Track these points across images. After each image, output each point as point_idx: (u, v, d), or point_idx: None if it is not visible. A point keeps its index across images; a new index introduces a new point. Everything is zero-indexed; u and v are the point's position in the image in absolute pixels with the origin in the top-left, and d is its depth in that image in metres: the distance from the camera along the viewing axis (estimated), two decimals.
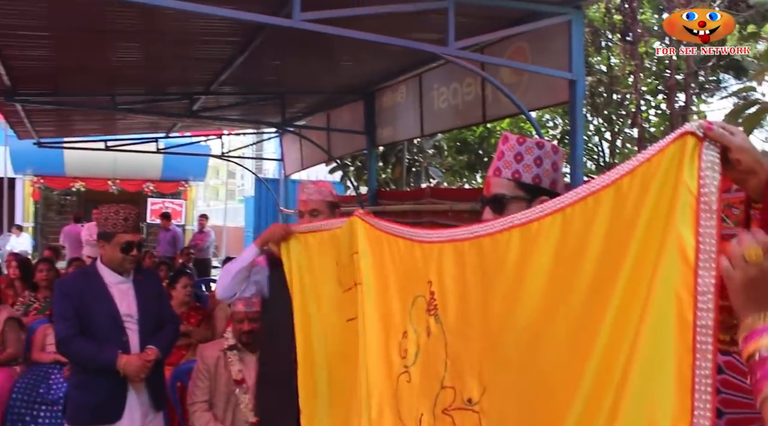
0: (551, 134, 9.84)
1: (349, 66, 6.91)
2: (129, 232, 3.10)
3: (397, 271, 2.25)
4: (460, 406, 1.86)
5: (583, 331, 1.45)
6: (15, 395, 4.30)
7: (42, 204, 17.45)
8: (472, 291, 1.83)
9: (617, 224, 1.36)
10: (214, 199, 37.37)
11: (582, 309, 1.46)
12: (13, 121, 8.87)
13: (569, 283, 1.49)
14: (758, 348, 1.01)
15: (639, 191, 1.31)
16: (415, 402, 2.07)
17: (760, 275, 1.04)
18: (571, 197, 1.49)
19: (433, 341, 2.00)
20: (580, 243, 1.46)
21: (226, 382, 3.32)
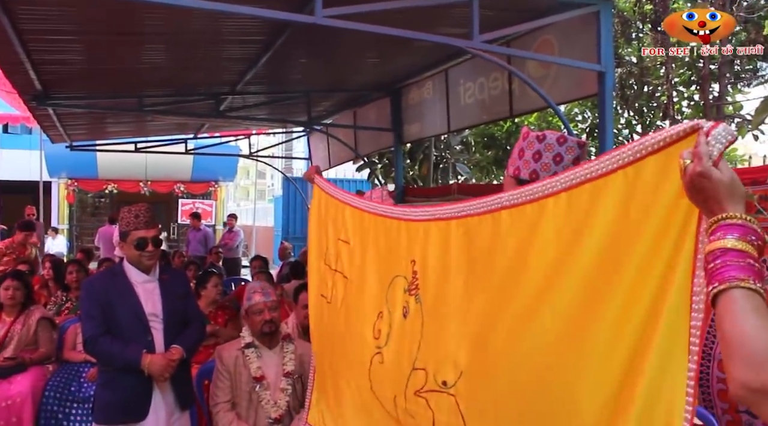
0: (580, 128, 9.66)
1: (374, 63, 6.89)
2: (141, 228, 3.09)
3: (379, 254, 2.24)
4: (434, 388, 1.82)
5: (574, 322, 1.40)
6: (48, 393, 4.37)
7: (77, 206, 17.76)
8: (456, 271, 1.79)
9: (620, 216, 1.32)
10: (245, 199, 37.72)
11: (574, 299, 1.41)
12: (46, 125, 9.04)
13: (564, 270, 1.43)
14: (713, 249, 1.05)
15: (649, 184, 1.27)
16: (387, 383, 2.05)
17: (695, 182, 1.09)
18: (566, 181, 1.44)
19: (409, 322, 1.97)
20: (579, 230, 1.41)
21: (246, 380, 3.30)
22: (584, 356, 1.37)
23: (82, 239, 17.52)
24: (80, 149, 11.49)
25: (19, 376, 4.33)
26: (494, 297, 1.64)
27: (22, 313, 4.59)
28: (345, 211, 2.56)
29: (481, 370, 1.69)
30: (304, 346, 3.62)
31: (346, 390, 2.41)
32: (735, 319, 0.98)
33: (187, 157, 14.37)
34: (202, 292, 5.25)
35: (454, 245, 1.80)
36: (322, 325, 2.73)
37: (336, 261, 2.59)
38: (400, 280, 2.05)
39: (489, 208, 1.67)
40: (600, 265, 1.35)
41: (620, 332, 1.30)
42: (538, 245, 1.51)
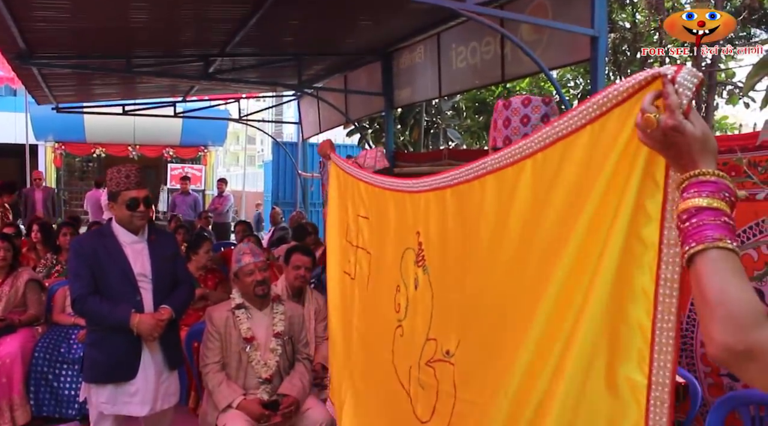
0: (572, 94, 9.63)
1: (366, 26, 6.78)
2: (132, 188, 3.07)
3: (391, 227, 2.25)
4: (440, 357, 1.85)
5: (539, 277, 1.40)
6: (37, 354, 4.38)
7: (64, 170, 17.60)
8: (453, 239, 1.80)
9: (585, 171, 1.30)
10: (234, 164, 37.53)
11: (540, 258, 1.41)
12: (31, 85, 8.87)
13: (537, 230, 1.43)
14: (687, 207, 1.03)
15: (611, 135, 1.24)
16: (405, 355, 2.08)
17: (668, 136, 1.05)
18: (540, 141, 1.42)
19: (420, 293, 1.99)
20: (550, 188, 1.40)
21: (236, 341, 3.32)
22: (553, 317, 1.37)
23: (70, 203, 17.42)
24: (67, 111, 11.31)
25: (8, 338, 4.34)
26: (482, 263, 1.65)
27: (10, 275, 4.58)
28: (360, 187, 2.55)
29: (471, 339, 1.71)
30: (294, 307, 3.64)
31: (372, 365, 2.42)
32: (714, 280, 0.96)
33: (176, 122, 14.22)
34: (193, 256, 5.26)
35: (450, 214, 1.81)
36: (347, 302, 2.73)
37: (357, 237, 2.59)
38: (410, 253, 2.06)
39: (476, 174, 1.66)
40: (564, 221, 1.34)
41: (578, 285, 1.30)
42: (516, 208, 1.50)
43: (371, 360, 2.44)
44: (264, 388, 3.31)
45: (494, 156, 1.57)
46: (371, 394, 2.46)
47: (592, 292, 1.24)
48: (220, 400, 3.22)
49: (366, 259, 2.52)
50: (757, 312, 0.93)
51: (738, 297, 0.94)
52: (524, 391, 1.38)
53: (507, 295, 1.53)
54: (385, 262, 2.29)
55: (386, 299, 2.25)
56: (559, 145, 1.36)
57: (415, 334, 2.02)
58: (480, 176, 1.64)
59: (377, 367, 2.34)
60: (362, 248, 2.56)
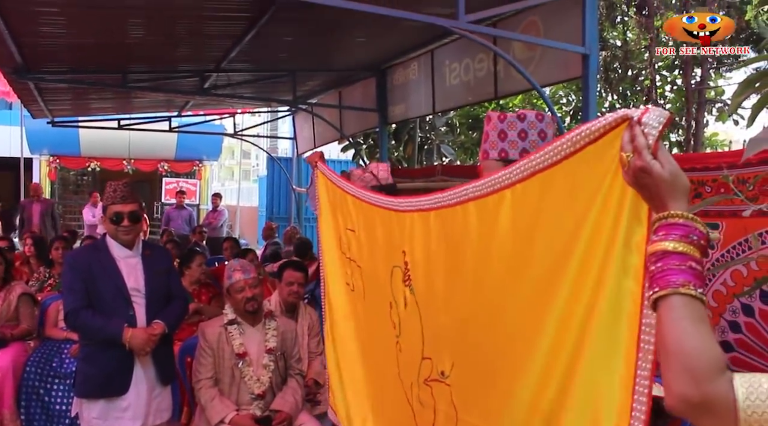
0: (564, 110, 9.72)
1: (360, 43, 6.85)
2: (117, 203, 3.09)
3: (378, 244, 2.27)
4: (436, 377, 1.87)
5: (532, 314, 1.44)
6: (29, 368, 4.37)
7: (59, 184, 17.58)
8: (438, 262, 1.83)
9: (568, 206, 1.34)
10: (229, 179, 37.51)
11: (533, 290, 1.44)
12: (27, 99, 8.91)
13: (522, 261, 1.47)
14: (654, 251, 1.03)
15: (591, 172, 1.28)
16: (407, 371, 2.09)
17: (638, 177, 1.07)
18: (518, 173, 1.46)
19: (409, 312, 2.01)
20: (533, 220, 1.44)
21: (229, 356, 3.33)
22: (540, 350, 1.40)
23: (65, 217, 17.36)
24: (62, 125, 11.33)
25: (0, 352, 4.32)
26: (468, 289, 1.68)
27: (3, 289, 4.57)
28: (347, 199, 2.57)
29: (466, 362, 1.73)
30: (287, 323, 3.65)
31: (378, 375, 2.43)
32: (673, 328, 0.95)
33: (171, 136, 14.23)
34: (186, 271, 5.25)
35: (434, 236, 1.83)
36: (349, 312, 2.73)
37: (349, 249, 2.60)
38: (398, 271, 2.08)
39: (459, 200, 1.69)
40: (551, 257, 1.37)
41: (569, 322, 1.33)
42: (499, 237, 1.54)
43: (379, 372, 2.45)
44: (257, 403, 3.31)
45: (475, 183, 1.61)
46: (383, 405, 2.46)
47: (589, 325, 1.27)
48: (212, 416, 3.21)
49: (359, 272, 2.54)
50: (715, 363, 0.92)
51: (695, 346, 0.93)
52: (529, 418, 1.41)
53: (499, 324, 1.56)
54: (377, 277, 2.30)
55: (383, 315, 2.26)
56: (537, 177, 1.40)
57: (411, 351, 2.04)
58: (462, 202, 1.67)
59: (386, 379, 2.35)
60: (354, 261, 2.58)
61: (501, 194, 1.52)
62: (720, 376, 0.91)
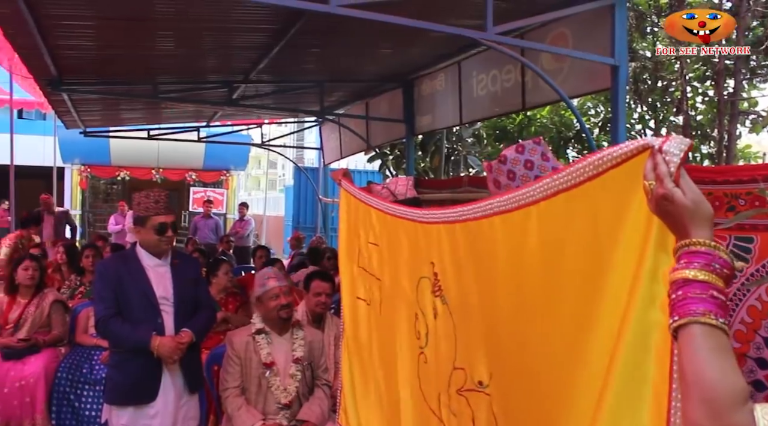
0: (592, 122, 9.63)
1: (387, 54, 6.88)
2: (162, 213, 3.14)
3: (404, 256, 2.27)
4: (472, 387, 1.85)
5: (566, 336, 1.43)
6: (60, 374, 4.43)
7: (89, 192, 17.85)
8: (467, 273, 1.82)
9: (592, 228, 1.34)
10: (256, 189, 37.83)
11: (564, 309, 1.44)
12: (61, 110, 9.11)
13: (554, 276, 1.46)
14: (675, 279, 1.02)
15: (610, 199, 1.28)
16: (432, 382, 2.08)
17: (661, 205, 1.06)
18: (542, 190, 1.47)
19: (440, 322, 2.00)
20: (561, 237, 1.44)
21: (256, 366, 3.33)
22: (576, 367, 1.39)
23: (95, 225, 17.63)
24: (94, 135, 11.55)
25: (33, 358, 4.40)
26: (500, 302, 1.67)
27: (36, 296, 4.66)
28: (371, 213, 2.58)
29: (504, 373, 1.72)
30: (314, 333, 3.65)
31: (394, 389, 2.42)
32: (693, 358, 0.94)
33: (199, 146, 14.41)
34: (213, 279, 5.29)
35: (462, 248, 1.84)
36: (362, 328, 2.74)
37: (369, 263, 2.61)
38: (426, 282, 2.08)
39: (484, 213, 1.70)
40: (581, 276, 1.37)
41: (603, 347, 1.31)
42: (528, 251, 1.54)
43: (394, 386, 2.44)
44: (283, 413, 3.31)
45: (500, 198, 1.62)
46: (400, 418, 2.45)
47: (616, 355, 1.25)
48: (239, 425, 3.23)
49: (377, 285, 2.54)
50: (736, 394, 0.90)
51: (714, 377, 0.91)
52: None
53: (536, 341, 1.55)
54: (401, 289, 2.30)
55: (405, 327, 2.25)
56: (561, 196, 1.41)
57: (439, 362, 2.03)
58: (488, 216, 1.68)
59: (402, 392, 2.34)
60: (372, 275, 2.58)
61: (527, 210, 1.53)
62: (741, 408, 0.89)
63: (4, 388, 4.20)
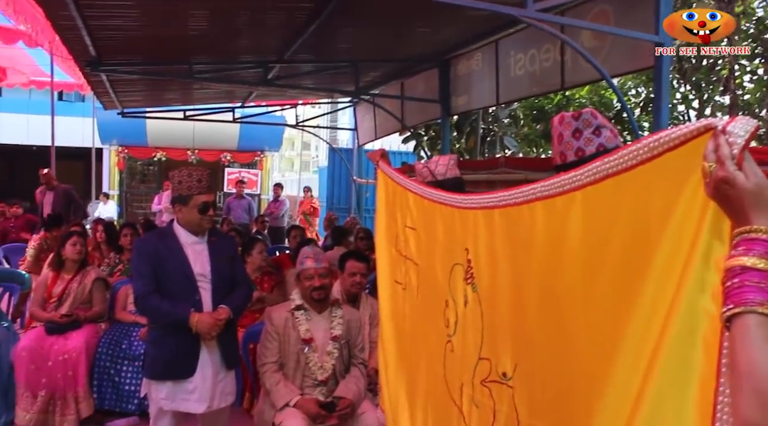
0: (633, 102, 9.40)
1: (423, 33, 6.80)
2: (204, 192, 3.16)
3: (439, 241, 2.23)
4: (496, 379, 1.82)
5: (605, 327, 1.37)
6: (101, 349, 4.53)
7: (126, 173, 18.16)
8: (502, 261, 1.78)
9: (642, 213, 1.27)
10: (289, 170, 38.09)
11: (604, 300, 1.37)
12: (99, 91, 9.23)
13: (595, 267, 1.40)
14: (732, 266, 0.97)
15: (664, 183, 1.21)
16: (457, 371, 2.05)
17: (720, 189, 1.01)
18: (590, 174, 1.40)
19: (470, 310, 1.97)
20: (606, 225, 1.37)
21: (294, 342, 3.35)
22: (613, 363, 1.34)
23: (132, 205, 17.96)
24: (131, 116, 11.71)
25: (74, 333, 4.49)
26: (534, 291, 1.63)
27: (79, 272, 4.75)
28: (408, 197, 2.55)
29: (530, 365, 1.68)
30: (352, 312, 3.66)
31: (424, 377, 2.42)
32: (746, 349, 0.90)
33: (233, 127, 14.52)
34: (248, 258, 5.33)
35: (499, 235, 1.79)
36: (398, 312, 2.73)
37: (406, 248, 2.59)
38: (459, 269, 2.04)
39: (525, 199, 1.64)
40: (626, 265, 1.31)
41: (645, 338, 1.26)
42: (569, 240, 1.48)
43: (423, 373, 2.42)
44: (320, 389, 3.34)
45: (543, 183, 1.56)
46: (424, 407, 2.44)
47: (661, 344, 1.21)
48: (277, 399, 3.25)
49: (414, 270, 2.51)
50: None
51: None
52: None
53: (569, 331, 1.50)
54: (434, 275, 2.27)
55: (436, 313, 2.23)
56: (610, 181, 1.35)
57: (466, 351, 2.00)
58: (529, 201, 1.63)
59: (429, 380, 2.33)
60: (410, 259, 2.56)
61: (571, 195, 1.46)
62: None
63: (48, 361, 4.30)
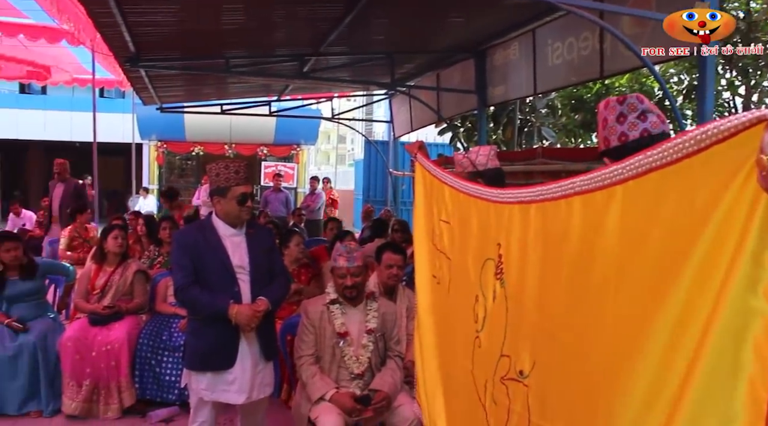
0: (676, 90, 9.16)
1: (459, 23, 6.73)
2: (242, 183, 3.19)
3: (472, 236, 2.21)
4: (513, 376, 1.80)
5: (633, 324, 1.31)
6: (142, 340, 4.61)
7: (165, 168, 18.47)
8: (532, 256, 1.74)
9: (686, 208, 1.21)
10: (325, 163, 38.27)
11: (634, 297, 1.32)
12: (138, 87, 9.38)
13: (630, 265, 1.35)
14: None
15: (710, 176, 1.15)
16: (483, 368, 2.03)
17: None
18: (632, 168, 1.34)
19: (496, 306, 1.95)
20: (646, 221, 1.31)
21: (330, 335, 3.36)
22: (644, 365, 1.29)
23: None
24: (169, 111, 11.89)
25: (117, 324, 4.59)
26: (564, 287, 1.59)
27: (121, 265, 4.85)
28: (444, 190, 2.53)
29: (549, 363, 1.65)
30: (387, 304, 3.65)
31: (456, 372, 2.41)
32: None
33: (270, 121, 14.63)
34: (285, 251, 5.36)
35: (533, 231, 1.75)
36: (435, 305, 2.72)
37: (440, 241, 2.57)
38: (490, 264, 2.02)
39: (564, 193, 1.60)
40: (663, 264, 1.26)
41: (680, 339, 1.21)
42: (605, 236, 1.43)
43: (454, 368, 2.41)
44: (356, 383, 3.34)
45: (583, 177, 1.52)
46: (455, 402, 2.43)
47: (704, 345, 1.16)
48: (313, 392, 3.26)
49: (447, 264, 2.50)
50: None
51: None
52: None
53: (595, 331, 1.46)
54: (466, 269, 2.25)
55: (466, 308, 2.21)
56: (653, 175, 1.30)
57: (491, 347, 1.98)
58: (567, 196, 1.58)
59: (459, 375, 2.31)
60: (443, 253, 2.54)
61: (611, 190, 1.41)
62: None
63: (92, 352, 4.40)
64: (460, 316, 2.29)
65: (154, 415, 4.44)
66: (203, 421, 3.27)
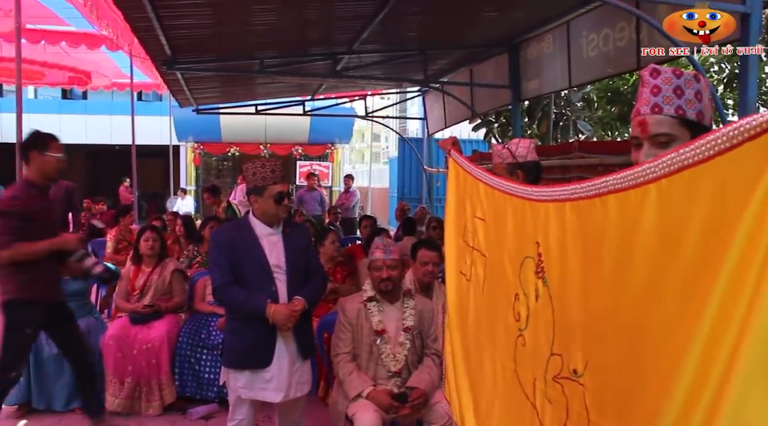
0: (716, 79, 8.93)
1: (492, 17, 6.67)
2: (278, 182, 3.21)
3: (509, 234, 2.17)
4: (567, 375, 1.76)
5: (675, 325, 1.28)
6: (181, 339, 4.68)
7: (202, 169, 18.75)
8: (573, 255, 1.71)
9: (718, 207, 1.18)
10: (360, 162, 38.37)
11: (675, 298, 1.29)
12: (175, 89, 9.54)
13: (668, 265, 1.31)
14: None
15: (742, 174, 1.11)
16: (529, 366, 2.00)
17: None
18: (665, 166, 1.31)
19: (541, 305, 1.91)
20: (680, 220, 1.28)
21: (367, 333, 3.36)
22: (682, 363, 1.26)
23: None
24: (205, 112, 12.05)
25: (157, 323, 4.67)
26: (606, 288, 1.56)
27: (159, 265, 4.93)
28: (479, 187, 2.50)
29: (600, 363, 1.62)
30: (424, 302, 3.63)
31: (490, 369, 2.39)
32: None
33: (304, 120, 14.73)
34: (320, 249, 5.37)
35: (570, 229, 1.73)
36: (463, 303, 2.71)
37: (473, 238, 2.55)
38: (529, 262, 1.99)
39: (598, 192, 1.57)
40: (698, 263, 1.23)
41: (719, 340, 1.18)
42: (642, 235, 1.40)
43: (488, 365, 2.38)
44: (393, 380, 3.33)
45: (615, 175, 1.49)
46: (490, 400, 2.40)
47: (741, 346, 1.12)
48: (350, 390, 3.27)
49: (481, 261, 2.47)
50: None
51: None
52: None
53: (640, 329, 1.43)
54: (502, 267, 2.22)
55: (504, 306, 2.18)
56: (685, 173, 1.27)
57: (538, 346, 1.95)
58: (601, 194, 1.56)
59: (496, 373, 2.28)
60: (477, 250, 2.51)
61: (645, 189, 1.39)
62: None
63: (134, 350, 4.49)
64: (497, 314, 2.26)
65: (194, 412, 4.51)
66: (242, 419, 3.31)
